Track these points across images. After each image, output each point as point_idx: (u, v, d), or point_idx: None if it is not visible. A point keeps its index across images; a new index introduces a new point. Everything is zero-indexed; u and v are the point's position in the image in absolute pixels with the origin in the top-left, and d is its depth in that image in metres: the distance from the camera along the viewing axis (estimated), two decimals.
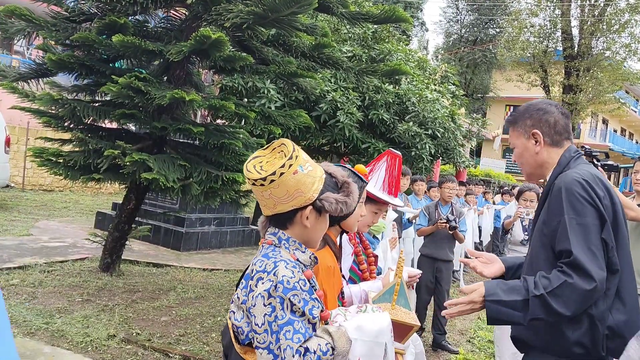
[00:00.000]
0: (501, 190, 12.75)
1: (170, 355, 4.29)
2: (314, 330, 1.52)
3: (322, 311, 1.58)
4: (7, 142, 9.38)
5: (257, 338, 1.49)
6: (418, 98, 9.54)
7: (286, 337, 1.44)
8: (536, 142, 2.11)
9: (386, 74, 5.49)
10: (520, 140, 2.16)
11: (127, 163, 4.70)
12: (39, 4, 5.15)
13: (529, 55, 21.91)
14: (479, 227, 10.33)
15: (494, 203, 11.97)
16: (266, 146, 1.66)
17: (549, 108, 2.13)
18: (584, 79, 20.40)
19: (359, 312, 1.70)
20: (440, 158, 10.51)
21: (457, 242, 5.57)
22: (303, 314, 1.48)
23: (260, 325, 1.48)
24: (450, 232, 5.30)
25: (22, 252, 6.53)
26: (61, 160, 5.09)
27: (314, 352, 1.46)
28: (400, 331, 1.88)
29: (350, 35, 9.88)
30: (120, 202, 8.38)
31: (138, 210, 5.94)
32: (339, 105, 8.81)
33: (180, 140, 5.96)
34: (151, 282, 6.15)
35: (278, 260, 1.53)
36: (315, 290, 1.59)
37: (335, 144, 10.49)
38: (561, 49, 21.51)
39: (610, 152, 35.11)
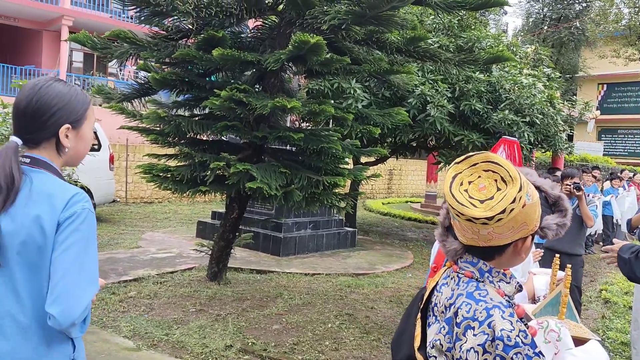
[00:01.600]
0: (610, 176, 11.84)
1: None
2: None
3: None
4: (112, 160, 9.92)
5: None
6: (512, 84, 9.04)
7: None
8: None
9: (488, 62, 5.19)
10: None
11: (232, 173, 4.76)
12: (141, 26, 5.34)
13: (623, 27, 20.34)
14: None
15: (601, 190, 11.14)
16: (461, 159, 1.40)
17: None
18: None
19: (540, 328, 1.52)
20: (540, 145, 9.92)
21: (586, 228, 5.19)
22: None
23: None
24: (577, 194, 4.98)
25: (135, 264, 6.83)
26: (169, 175, 5.25)
27: None
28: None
29: (434, 25, 9.56)
30: (220, 210, 8.59)
31: (241, 218, 6.02)
32: (428, 99, 8.53)
33: (278, 148, 5.97)
34: (257, 290, 6.22)
35: (490, 306, 1.31)
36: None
37: (424, 139, 10.20)
38: None
39: None
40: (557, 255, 2.10)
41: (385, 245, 10.02)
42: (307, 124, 8.79)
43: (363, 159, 11.14)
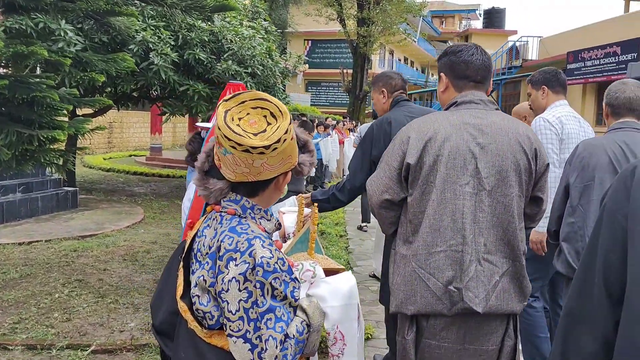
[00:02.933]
0: (316, 123, 13.27)
1: (10, 347, 3.71)
2: (295, 313, 1.39)
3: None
4: None
5: (230, 326, 1.31)
6: (234, 35, 9.23)
7: (268, 327, 1.29)
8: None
9: (215, 10, 5.14)
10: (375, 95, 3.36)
11: None
12: None
13: None
14: None
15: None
16: (229, 97, 1.38)
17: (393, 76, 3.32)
18: (374, 12, 21.78)
19: (296, 270, 1.61)
20: None
21: None
22: (285, 298, 1.34)
23: (234, 312, 1.29)
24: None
25: None
26: None
27: (292, 337, 1.33)
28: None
29: None
30: None
31: None
32: (151, 46, 8.11)
33: None
34: None
35: (252, 236, 1.33)
36: None
37: (147, 89, 9.74)
38: None
39: None
40: (301, 194, 2.25)
41: (112, 202, 9.42)
42: (6, 70, 7.46)
43: (80, 111, 10.07)
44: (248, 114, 1.36)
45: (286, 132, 1.34)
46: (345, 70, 24.35)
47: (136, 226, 7.65)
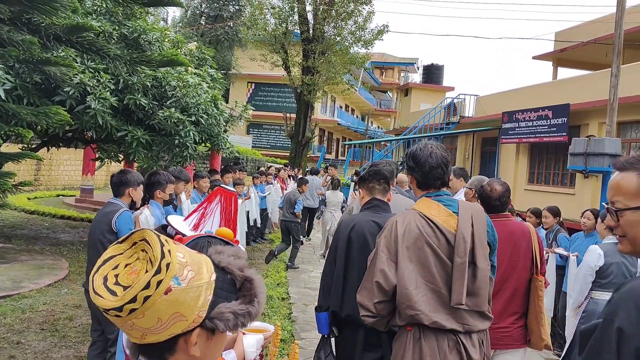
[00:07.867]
0: (258, 171, 12.95)
1: None
2: None
3: None
4: None
5: None
6: (178, 82, 8.90)
7: None
8: None
9: (162, 65, 4.87)
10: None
11: None
12: None
13: (270, 35, 22.69)
14: (247, 212, 10.37)
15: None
16: (123, 238, 1.09)
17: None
18: (319, 62, 22.07)
19: None
20: (204, 144, 10.12)
21: None
22: None
23: None
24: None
25: None
26: None
27: None
28: None
29: (95, 7, 8.59)
30: None
31: None
32: (89, 89, 7.63)
33: None
34: None
35: None
36: None
37: (82, 131, 9.16)
38: (299, 31, 22.83)
39: (338, 127, 39.38)
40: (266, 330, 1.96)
41: (34, 253, 8.62)
42: None
43: (3, 148, 9.30)
44: (137, 258, 1.07)
45: (147, 288, 1.01)
46: (288, 115, 24.38)
47: (59, 284, 6.97)
